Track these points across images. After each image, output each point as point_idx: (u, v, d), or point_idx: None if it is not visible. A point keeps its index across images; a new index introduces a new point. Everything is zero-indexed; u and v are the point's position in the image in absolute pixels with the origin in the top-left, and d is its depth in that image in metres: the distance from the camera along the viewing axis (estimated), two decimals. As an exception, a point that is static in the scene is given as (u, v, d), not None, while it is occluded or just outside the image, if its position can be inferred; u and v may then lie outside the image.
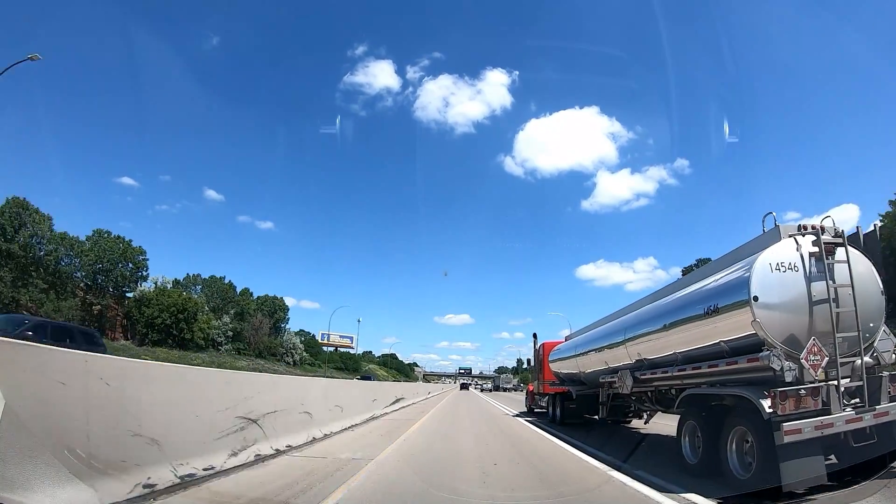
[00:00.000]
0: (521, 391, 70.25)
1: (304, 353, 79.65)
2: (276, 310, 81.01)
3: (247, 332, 68.48)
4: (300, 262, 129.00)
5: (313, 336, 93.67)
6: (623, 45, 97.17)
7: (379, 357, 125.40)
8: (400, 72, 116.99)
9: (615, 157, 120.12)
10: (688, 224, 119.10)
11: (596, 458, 7.62)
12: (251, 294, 77.09)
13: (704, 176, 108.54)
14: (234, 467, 5.54)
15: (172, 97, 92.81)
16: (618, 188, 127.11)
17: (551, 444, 9.98)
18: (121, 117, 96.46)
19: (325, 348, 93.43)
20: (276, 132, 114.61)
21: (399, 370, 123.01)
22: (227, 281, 72.69)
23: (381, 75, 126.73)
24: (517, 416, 18.61)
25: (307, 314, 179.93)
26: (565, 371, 14.37)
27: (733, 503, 4.74)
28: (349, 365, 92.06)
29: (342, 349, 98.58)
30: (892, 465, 4.18)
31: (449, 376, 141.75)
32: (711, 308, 6.23)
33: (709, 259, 17.84)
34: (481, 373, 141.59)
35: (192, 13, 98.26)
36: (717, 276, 6.53)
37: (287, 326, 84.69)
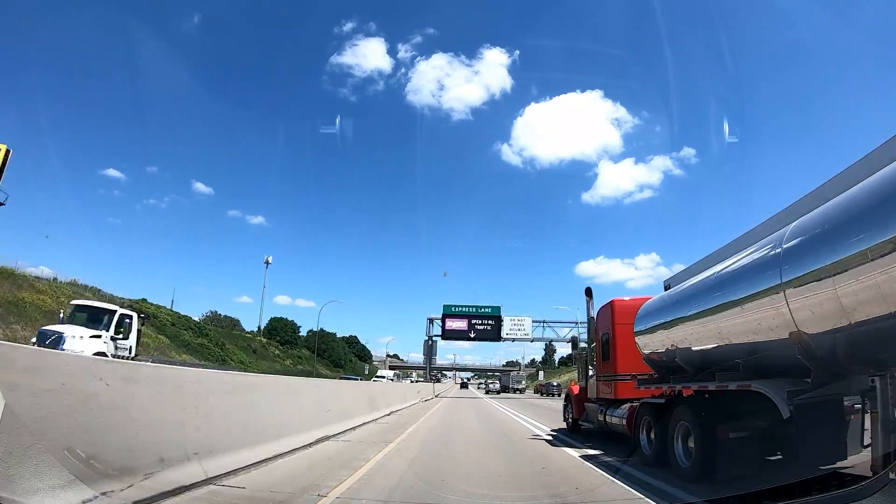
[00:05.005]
0: (528, 392, 58.99)
1: None
2: None
3: None
4: (294, 258, 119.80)
5: None
6: (628, 28, 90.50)
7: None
8: (391, 51, 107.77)
9: (619, 145, 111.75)
10: (693, 218, 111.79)
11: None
12: None
13: (711, 166, 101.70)
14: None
15: (156, 85, 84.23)
16: (620, 179, 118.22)
17: None
18: (105, 106, 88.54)
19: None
20: (262, 121, 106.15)
21: (325, 354, 71.96)
22: None
23: (371, 55, 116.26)
24: (557, 441, 10.24)
25: (303, 313, 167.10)
26: (703, 348, 6.09)
27: (733, 503, 4.43)
28: None
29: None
30: (892, 464, 3.14)
31: (439, 371, 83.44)
32: None
33: None
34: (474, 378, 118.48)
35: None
36: None
37: None
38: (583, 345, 11.93)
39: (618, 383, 8.81)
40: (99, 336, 13.47)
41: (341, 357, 73.03)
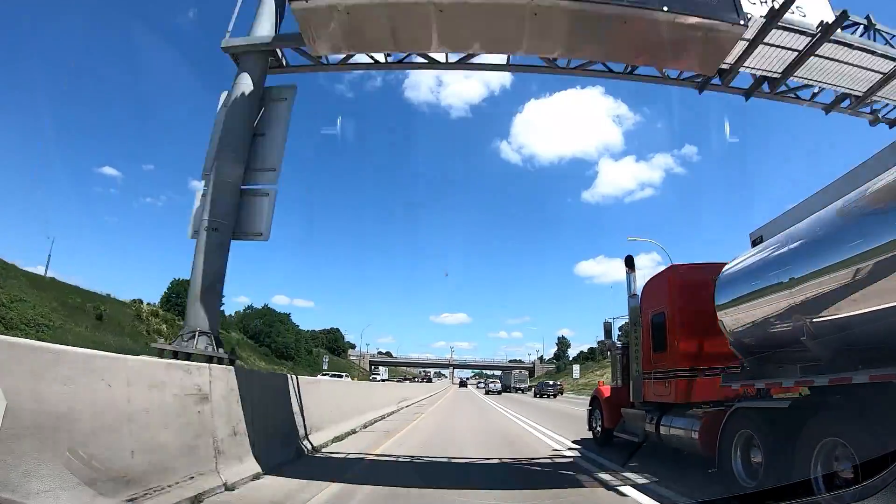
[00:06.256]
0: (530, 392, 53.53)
1: None
2: None
3: None
4: (293, 258, 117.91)
5: None
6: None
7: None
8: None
9: (620, 142, 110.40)
10: (694, 217, 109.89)
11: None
12: None
13: (713, 165, 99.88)
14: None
15: (153, 82, 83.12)
16: (621, 177, 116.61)
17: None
18: (102, 103, 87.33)
19: None
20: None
21: (265, 340, 53.95)
22: None
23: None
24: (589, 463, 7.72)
25: (301, 313, 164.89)
26: (865, 314, 3.63)
27: None
28: None
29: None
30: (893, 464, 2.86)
31: (434, 371, 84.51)
32: None
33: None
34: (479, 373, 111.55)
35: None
36: None
37: None
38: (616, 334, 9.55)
39: (680, 381, 6.60)
40: None
41: (290, 345, 57.07)
